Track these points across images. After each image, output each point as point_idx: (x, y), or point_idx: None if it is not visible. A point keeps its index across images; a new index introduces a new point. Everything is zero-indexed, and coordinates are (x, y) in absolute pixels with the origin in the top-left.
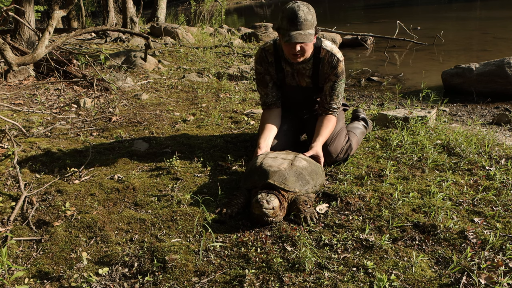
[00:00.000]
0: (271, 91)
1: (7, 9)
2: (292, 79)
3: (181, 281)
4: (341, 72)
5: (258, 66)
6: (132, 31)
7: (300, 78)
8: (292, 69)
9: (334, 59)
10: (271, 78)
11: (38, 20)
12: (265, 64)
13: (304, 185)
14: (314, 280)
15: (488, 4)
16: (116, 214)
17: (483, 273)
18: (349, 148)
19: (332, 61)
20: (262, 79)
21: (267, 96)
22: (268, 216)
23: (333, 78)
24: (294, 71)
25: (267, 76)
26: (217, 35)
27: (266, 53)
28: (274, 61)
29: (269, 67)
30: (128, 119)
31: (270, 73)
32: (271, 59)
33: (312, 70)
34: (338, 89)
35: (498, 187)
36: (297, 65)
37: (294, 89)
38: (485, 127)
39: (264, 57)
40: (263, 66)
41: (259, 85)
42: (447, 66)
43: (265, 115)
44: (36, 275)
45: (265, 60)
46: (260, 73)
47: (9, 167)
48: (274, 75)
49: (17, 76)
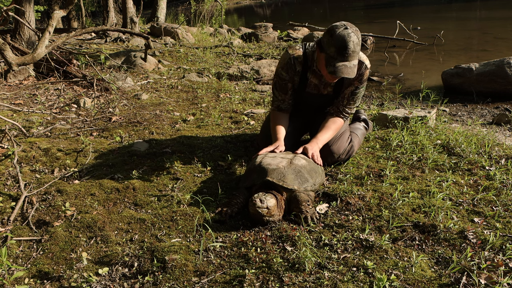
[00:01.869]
0: (288, 99)
1: (7, 9)
2: (315, 89)
3: (181, 281)
4: (366, 79)
5: (283, 72)
6: (132, 31)
7: (324, 88)
8: (320, 82)
9: (363, 66)
10: (292, 86)
11: (38, 20)
12: (291, 72)
13: (303, 182)
14: (314, 280)
15: (488, 4)
16: (116, 214)
17: (483, 273)
18: (351, 149)
19: (360, 68)
20: (284, 85)
21: (283, 102)
22: (262, 215)
23: (356, 84)
24: (322, 84)
25: (289, 84)
26: (217, 35)
27: (295, 61)
28: (302, 71)
29: (294, 76)
30: (128, 119)
31: (293, 81)
32: (299, 68)
33: (338, 80)
34: (358, 95)
35: (498, 187)
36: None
37: (313, 96)
38: (485, 127)
39: (292, 65)
40: (289, 74)
41: (278, 90)
42: (447, 66)
43: (277, 115)
44: (36, 275)
45: (292, 68)
46: (284, 80)
47: (9, 167)
48: (297, 83)
49: (17, 76)
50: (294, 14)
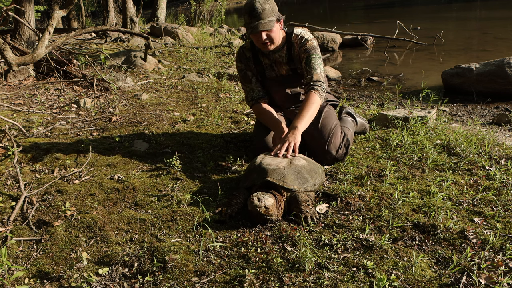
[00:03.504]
0: (255, 86)
1: (7, 9)
2: (272, 71)
3: (181, 281)
4: (311, 47)
5: (238, 63)
6: (132, 31)
7: (279, 67)
8: (270, 60)
9: (303, 40)
10: (252, 74)
11: (38, 20)
12: (244, 59)
13: (303, 183)
14: (314, 280)
15: (488, 4)
16: (116, 214)
17: (483, 273)
18: (347, 142)
19: (301, 41)
20: (244, 75)
21: (253, 91)
22: (260, 213)
23: (304, 55)
24: (272, 62)
25: (248, 72)
26: (217, 35)
27: (244, 49)
28: (252, 56)
29: (248, 62)
30: (128, 119)
31: (250, 68)
32: (249, 54)
33: (287, 56)
34: (313, 62)
35: (498, 187)
36: (273, 55)
37: (275, 81)
38: (485, 127)
39: (242, 53)
40: (243, 62)
41: (243, 82)
42: (447, 66)
43: (259, 107)
44: (36, 275)
45: (243, 56)
46: (242, 69)
47: (9, 167)
48: (254, 69)
49: (17, 76)
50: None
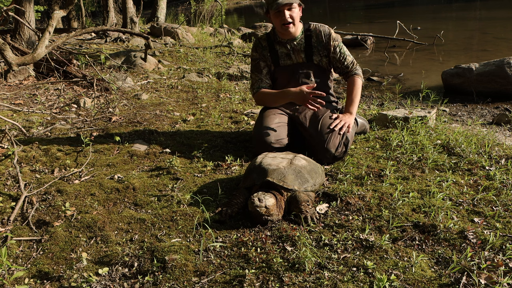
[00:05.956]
0: (265, 77)
1: (7, 9)
2: (288, 59)
3: (181, 281)
4: (337, 37)
5: (253, 52)
6: (132, 31)
7: (296, 55)
8: (287, 49)
9: (325, 29)
10: (265, 65)
11: (38, 20)
12: (259, 49)
13: (304, 183)
14: (314, 280)
15: (488, 4)
16: (116, 214)
17: (483, 273)
18: (346, 140)
19: (324, 30)
20: (256, 65)
21: (261, 81)
22: (261, 213)
23: (333, 44)
24: (290, 50)
25: (261, 62)
26: (217, 35)
27: (260, 40)
28: (268, 45)
29: (263, 51)
30: (128, 119)
31: (264, 58)
32: (265, 43)
33: (305, 45)
34: (344, 50)
35: (498, 187)
36: (291, 42)
37: (288, 69)
38: (485, 127)
39: (258, 43)
40: (257, 51)
41: (253, 71)
42: (447, 66)
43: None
44: (36, 275)
45: (259, 45)
46: (256, 59)
47: (9, 167)
48: (269, 58)
49: (17, 76)
50: None
